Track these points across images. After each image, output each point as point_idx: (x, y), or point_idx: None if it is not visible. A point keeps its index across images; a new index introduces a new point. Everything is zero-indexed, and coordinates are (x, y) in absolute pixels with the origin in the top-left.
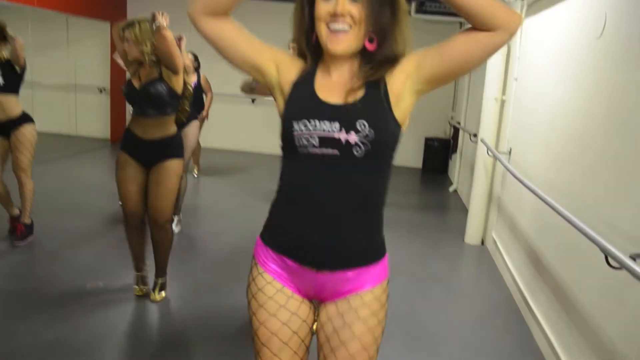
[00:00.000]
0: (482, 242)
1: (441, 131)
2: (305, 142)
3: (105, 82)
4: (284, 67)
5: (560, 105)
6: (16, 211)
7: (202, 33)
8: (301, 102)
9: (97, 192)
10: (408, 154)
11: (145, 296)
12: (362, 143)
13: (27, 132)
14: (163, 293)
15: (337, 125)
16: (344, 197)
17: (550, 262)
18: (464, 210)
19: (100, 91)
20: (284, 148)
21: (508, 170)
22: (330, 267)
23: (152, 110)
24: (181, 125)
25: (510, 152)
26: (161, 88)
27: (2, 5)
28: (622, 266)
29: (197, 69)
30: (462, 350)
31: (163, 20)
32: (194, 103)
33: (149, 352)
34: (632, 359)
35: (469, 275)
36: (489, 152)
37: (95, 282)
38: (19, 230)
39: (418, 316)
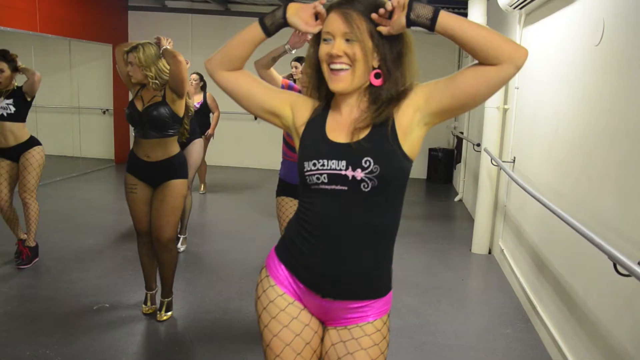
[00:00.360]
0: (490, 251)
1: (445, 141)
2: (315, 180)
3: (109, 104)
4: (298, 108)
5: (563, 112)
6: (24, 235)
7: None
8: (312, 143)
9: (102, 212)
10: (412, 164)
11: (152, 315)
12: (369, 179)
13: (35, 154)
14: (169, 313)
15: (344, 163)
16: (353, 231)
17: (558, 269)
18: (470, 220)
19: (104, 112)
20: (299, 182)
21: (512, 179)
22: (334, 296)
23: (154, 132)
24: (185, 143)
25: (514, 161)
26: (164, 111)
27: (6, 31)
28: (631, 273)
29: (202, 88)
30: None
31: (168, 45)
32: (200, 122)
33: None
34: None
35: (477, 285)
36: (493, 161)
37: (102, 304)
38: (25, 253)
39: (427, 327)
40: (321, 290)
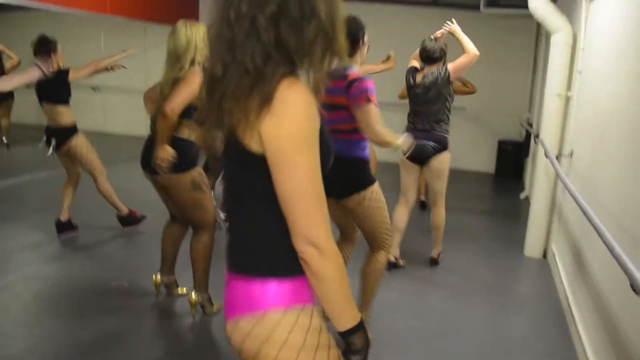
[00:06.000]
0: (545, 255)
1: (517, 134)
2: None
3: None
4: None
5: (630, 101)
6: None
7: None
8: None
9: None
10: (479, 158)
11: (168, 302)
12: None
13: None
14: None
15: None
16: None
17: (600, 285)
18: None
19: None
20: None
21: (558, 174)
22: None
23: None
24: None
25: (571, 155)
26: None
27: (75, 13)
28: None
29: None
30: None
31: None
32: None
33: (179, 353)
34: None
35: (518, 292)
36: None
37: (121, 281)
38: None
39: (448, 334)
40: None
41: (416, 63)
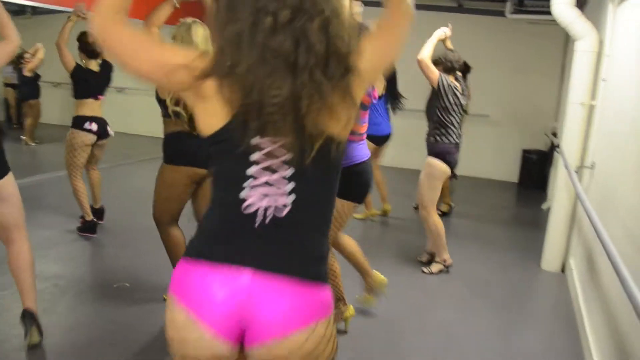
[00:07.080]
0: (563, 270)
1: (543, 143)
2: None
3: None
4: None
5: None
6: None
7: None
8: None
9: None
10: (502, 166)
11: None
12: None
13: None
14: None
15: None
16: None
17: (622, 316)
18: None
19: None
20: None
21: (575, 188)
22: None
23: None
24: None
25: (593, 167)
26: None
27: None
28: None
29: None
30: None
31: None
32: None
33: None
34: None
35: (533, 306)
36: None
37: (122, 282)
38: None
39: (453, 348)
40: None
41: (429, 62)
